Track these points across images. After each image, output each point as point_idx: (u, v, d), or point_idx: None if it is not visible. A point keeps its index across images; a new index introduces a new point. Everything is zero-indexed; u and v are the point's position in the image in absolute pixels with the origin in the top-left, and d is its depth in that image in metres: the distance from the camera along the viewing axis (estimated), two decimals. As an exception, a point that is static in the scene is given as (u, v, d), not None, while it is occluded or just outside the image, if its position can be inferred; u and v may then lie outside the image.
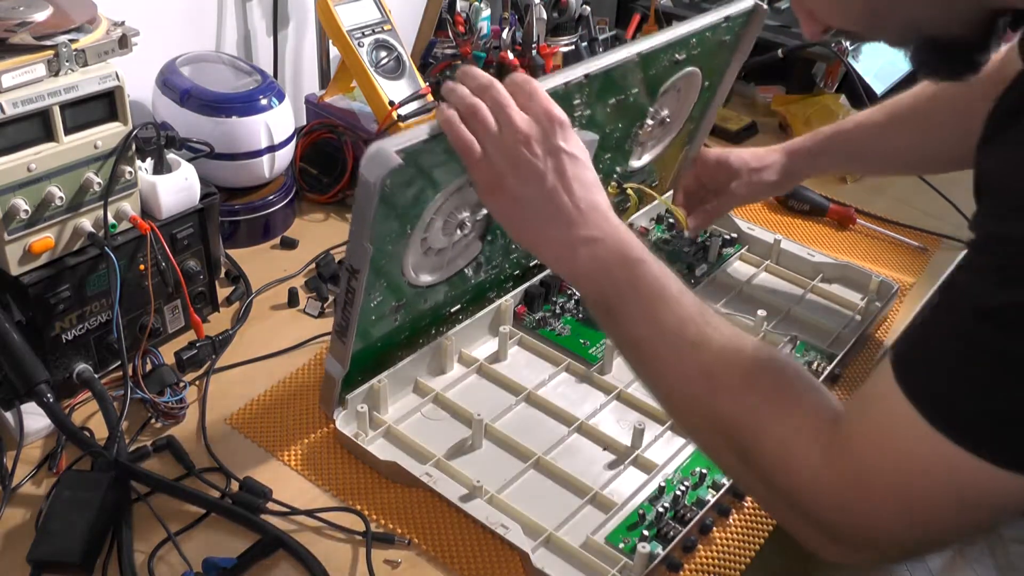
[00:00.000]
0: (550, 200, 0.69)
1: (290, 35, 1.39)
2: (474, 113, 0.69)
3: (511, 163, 0.68)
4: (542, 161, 0.68)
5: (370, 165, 0.70)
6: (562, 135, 0.69)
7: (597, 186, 0.70)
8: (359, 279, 0.77)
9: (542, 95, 0.70)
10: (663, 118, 1.06)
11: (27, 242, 0.82)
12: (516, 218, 0.71)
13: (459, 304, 0.99)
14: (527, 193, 0.69)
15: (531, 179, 0.68)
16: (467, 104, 0.70)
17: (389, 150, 0.70)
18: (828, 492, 0.57)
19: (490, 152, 0.69)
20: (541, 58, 1.38)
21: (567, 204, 0.69)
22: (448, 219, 0.85)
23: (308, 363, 0.99)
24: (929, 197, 1.31)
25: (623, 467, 0.87)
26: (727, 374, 0.63)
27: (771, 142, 1.50)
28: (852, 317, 1.08)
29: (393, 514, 0.82)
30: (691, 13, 1.61)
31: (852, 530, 0.57)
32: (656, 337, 0.66)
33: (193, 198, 0.96)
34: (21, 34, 0.76)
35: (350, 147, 1.24)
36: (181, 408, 0.90)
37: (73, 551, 0.72)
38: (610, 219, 0.69)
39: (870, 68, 1.49)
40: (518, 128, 0.68)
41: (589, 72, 0.85)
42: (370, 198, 0.71)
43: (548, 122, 0.69)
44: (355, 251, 0.76)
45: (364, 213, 0.73)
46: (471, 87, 0.71)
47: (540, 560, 0.76)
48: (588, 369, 0.98)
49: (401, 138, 0.71)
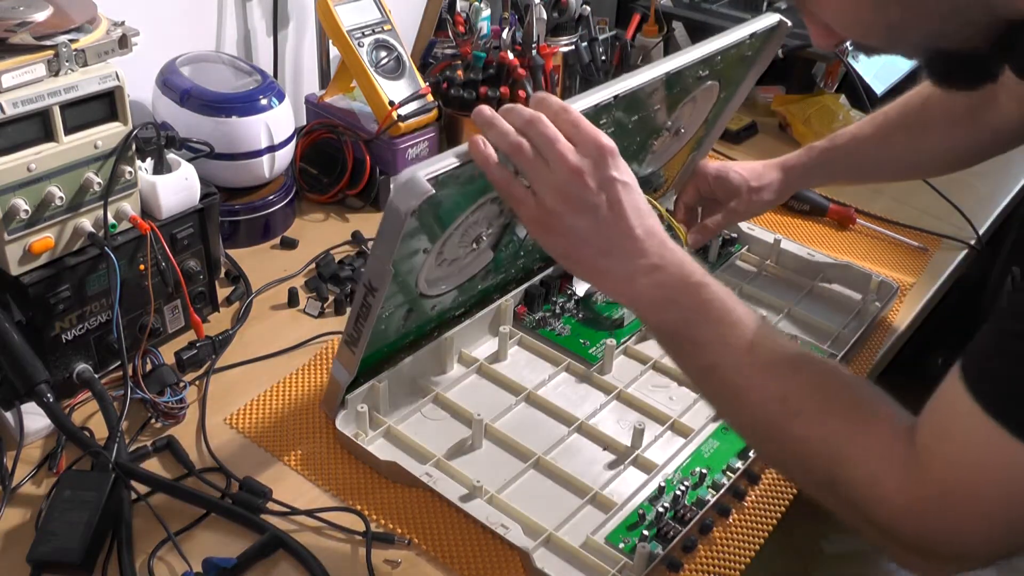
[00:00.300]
0: (606, 231, 0.67)
1: (290, 35, 1.39)
2: (520, 151, 0.68)
3: (564, 200, 0.67)
4: (595, 194, 0.67)
5: (401, 193, 0.69)
6: (613, 164, 0.67)
7: (650, 212, 0.69)
8: (376, 297, 0.76)
9: (586, 123, 0.68)
10: (678, 128, 1.06)
11: (27, 242, 0.82)
12: (572, 253, 0.69)
13: (465, 307, 0.99)
14: (582, 227, 0.67)
15: (586, 212, 0.67)
16: (511, 142, 0.68)
17: (421, 179, 0.68)
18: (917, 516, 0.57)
19: (541, 191, 0.68)
20: (541, 58, 1.38)
21: (624, 234, 0.67)
22: (466, 233, 0.85)
23: (308, 363, 0.99)
24: (929, 197, 1.31)
25: (623, 467, 0.87)
26: (802, 397, 0.62)
27: (771, 142, 1.51)
28: (852, 317, 1.08)
29: (393, 514, 0.82)
30: (691, 13, 1.63)
31: (945, 548, 0.57)
32: (727, 363, 0.65)
33: (193, 198, 0.96)
34: (21, 34, 0.76)
35: (350, 147, 1.24)
36: (181, 408, 0.90)
37: (73, 551, 0.72)
38: (668, 244, 0.68)
39: (870, 68, 1.49)
40: (570, 163, 0.66)
41: (619, 93, 0.83)
42: (398, 225, 0.70)
43: (598, 153, 0.67)
44: (376, 270, 0.75)
45: (390, 237, 0.72)
46: (514, 122, 0.69)
47: (540, 560, 0.76)
48: (588, 369, 0.98)
49: (431, 165, 0.69)
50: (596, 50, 1.47)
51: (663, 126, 1.02)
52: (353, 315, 0.80)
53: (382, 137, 1.23)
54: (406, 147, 1.25)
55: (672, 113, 1.01)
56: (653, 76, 0.87)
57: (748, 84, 1.09)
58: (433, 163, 0.70)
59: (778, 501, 0.86)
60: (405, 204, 0.69)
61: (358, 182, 1.25)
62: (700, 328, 0.66)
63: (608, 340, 1.00)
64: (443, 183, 0.70)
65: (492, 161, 0.69)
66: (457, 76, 1.30)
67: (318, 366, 0.98)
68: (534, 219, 0.69)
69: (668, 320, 0.67)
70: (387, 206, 0.70)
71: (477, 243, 0.88)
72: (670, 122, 1.03)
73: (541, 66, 1.37)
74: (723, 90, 1.06)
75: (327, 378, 0.96)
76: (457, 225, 0.82)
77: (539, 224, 0.69)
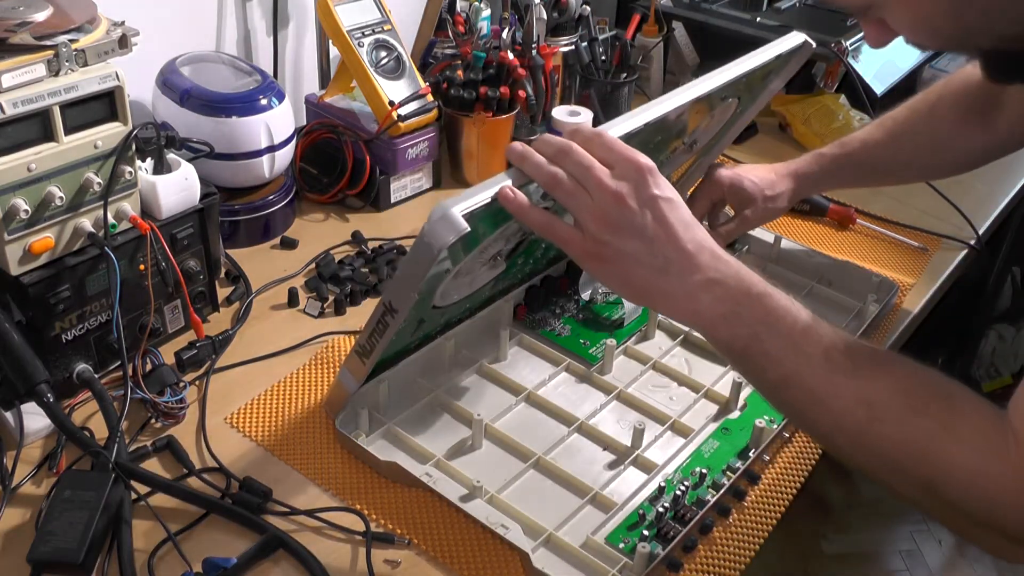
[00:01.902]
0: (657, 251, 0.66)
1: (290, 35, 1.39)
2: (557, 182, 0.67)
3: (610, 227, 0.66)
4: (640, 215, 0.65)
5: (436, 229, 0.67)
6: (654, 182, 0.66)
7: (697, 224, 0.68)
8: (396, 318, 0.76)
9: (621, 145, 0.67)
10: (694, 142, 1.06)
11: (27, 242, 0.82)
12: (629, 279, 0.67)
13: (470, 313, 0.99)
14: (632, 250, 0.66)
15: (633, 235, 0.66)
16: (547, 173, 0.67)
17: (456, 216, 0.67)
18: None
19: (585, 221, 0.66)
20: (541, 58, 1.38)
21: (675, 251, 0.66)
22: (486, 251, 0.85)
23: (308, 363, 0.99)
24: (929, 197, 1.31)
25: (623, 467, 0.87)
26: (887, 399, 0.61)
27: (771, 142, 1.51)
28: (852, 317, 1.08)
29: (393, 514, 0.82)
30: (691, 13, 1.63)
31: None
32: (803, 372, 0.63)
33: (193, 198, 0.96)
34: (21, 34, 0.76)
35: (350, 147, 1.24)
36: (181, 408, 0.90)
37: (73, 551, 0.72)
38: (721, 256, 0.67)
39: (870, 68, 1.49)
40: (610, 189, 0.66)
41: (649, 121, 0.82)
42: (429, 259, 0.69)
43: (637, 173, 0.66)
44: (399, 294, 0.75)
45: (419, 268, 0.71)
46: (547, 153, 0.68)
47: (540, 560, 0.76)
48: (588, 369, 0.98)
49: (464, 200, 0.68)
50: (596, 50, 1.47)
51: (681, 141, 1.03)
52: (368, 328, 0.79)
53: (382, 137, 1.23)
54: (406, 147, 1.25)
55: (690, 129, 1.01)
56: (685, 101, 0.86)
57: (765, 98, 1.09)
58: (467, 198, 0.68)
59: (778, 501, 0.86)
60: (439, 240, 0.67)
61: (358, 182, 1.25)
62: (771, 340, 0.64)
63: (608, 340, 1.00)
64: (475, 217, 0.69)
65: (527, 207, 0.68)
66: (457, 76, 1.30)
67: (318, 366, 0.98)
68: (584, 253, 0.68)
69: (738, 335, 0.65)
70: (420, 240, 0.68)
71: (495, 259, 0.88)
72: (687, 137, 1.03)
73: (541, 66, 1.37)
74: (741, 105, 1.06)
75: (328, 378, 0.96)
76: (481, 248, 0.83)
77: (590, 256, 0.68)
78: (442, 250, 0.68)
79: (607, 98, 1.47)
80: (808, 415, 0.65)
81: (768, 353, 0.64)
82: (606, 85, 1.46)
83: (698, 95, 0.88)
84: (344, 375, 0.85)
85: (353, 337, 1.03)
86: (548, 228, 0.68)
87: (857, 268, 1.14)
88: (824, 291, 1.13)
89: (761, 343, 0.64)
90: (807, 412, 0.65)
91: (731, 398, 0.94)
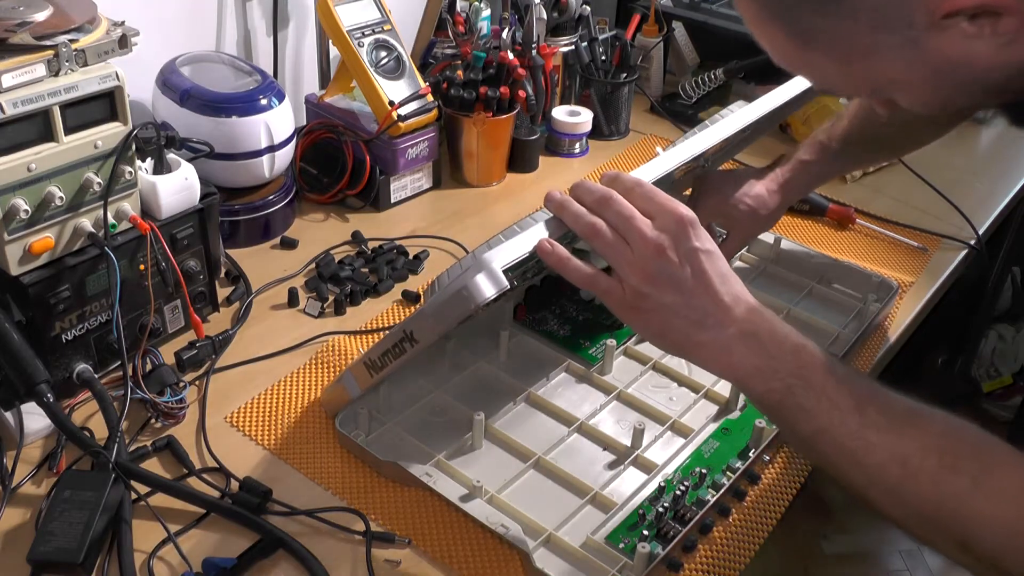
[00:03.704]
0: (695, 304, 0.66)
1: (290, 35, 1.39)
2: (597, 233, 0.67)
3: (649, 279, 0.66)
4: (679, 267, 0.66)
5: (477, 284, 0.67)
6: (695, 235, 0.66)
7: (733, 275, 0.68)
8: (415, 348, 0.76)
9: (661, 195, 0.67)
10: (705, 162, 1.07)
11: (27, 242, 0.82)
12: (665, 331, 0.68)
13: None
14: (669, 302, 0.66)
15: (672, 288, 0.66)
16: (587, 223, 0.67)
17: (498, 272, 0.66)
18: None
19: (624, 273, 0.67)
20: (541, 58, 1.38)
21: (712, 304, 0.66)
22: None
23: (308, 363, 0.99)
24: (929, 197, 1.31)
25: (623, 467, 0.87)
26: (921, 456, 0.60)
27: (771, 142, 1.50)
28: (852, 317, 1.08)
29: (393, 514, 0.82)
30: (691, 13, 1.63)
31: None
32: (837, 427, 0.63)
33: (193, 198, 0.96)
34: (21, 34, 0.76)
35: (350, 147, 1.24)
36: (181, 408, 0.90)
37: (73, 551, 0.72)
38: (756, 308, 0.67)
39: (870, 68, 1.49)
40: (652, 241, 0.66)
41: (683, 161, 0.81)
42: (466, 311, 0.69)
43: (678, 226, 0.66)
44: (425, 331, 0.74)
45: (452, 315, 0.71)
46: (586, 201, 0.68)
47: (540, 560, 0.76)
48: (588, 369, 0.98)
49: (503, 252, 0.68)
50: (596, 50, 1.47)
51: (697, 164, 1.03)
52: (383, 347, 0.79)
53: (382, 137, 1.24)
54: (406, 147, 1.25)
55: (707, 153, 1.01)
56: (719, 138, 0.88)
57: (776, 121, 1.08)
58: (504, 250, 0.68)
59: (778, 501, 0.86)
60: (480, 296, 0.67)
61: (358, 182, 1.25)
62: (805, 394, 0.64)
63: (608, 340, 1.00)
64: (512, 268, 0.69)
65: (567, 260, 0.68)
66: (457, 76, 1.30)
67: (318, 366, 0.98)
68: (623, 304, 0.68)
69: (772, 389, 0.65)
70: (458, 289, 0.68)
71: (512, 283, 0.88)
72: (703, 159, 1.03)
73: (541, 66, 1.38)
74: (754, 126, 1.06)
75: (328, 378, 0.96)
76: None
77: (629, 308, 0.68)
78: (480, 305, 0.68)
79: (607, 98, 1.47)
80: (842, 470, 0.64)
81: (802, 407, 0.64)
82: (606, 85, 1.46)
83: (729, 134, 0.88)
84: (348, 379, 0.85)
85: (353, 337, 1.03)
86: (591, 282, 0.68)
87: (857, 268, 1.14)
88: (824, 291, 1.13)
89: (795, 397, 0.64)
90: (841, 467, 0.64)
91: (731, 398, 0.94)
